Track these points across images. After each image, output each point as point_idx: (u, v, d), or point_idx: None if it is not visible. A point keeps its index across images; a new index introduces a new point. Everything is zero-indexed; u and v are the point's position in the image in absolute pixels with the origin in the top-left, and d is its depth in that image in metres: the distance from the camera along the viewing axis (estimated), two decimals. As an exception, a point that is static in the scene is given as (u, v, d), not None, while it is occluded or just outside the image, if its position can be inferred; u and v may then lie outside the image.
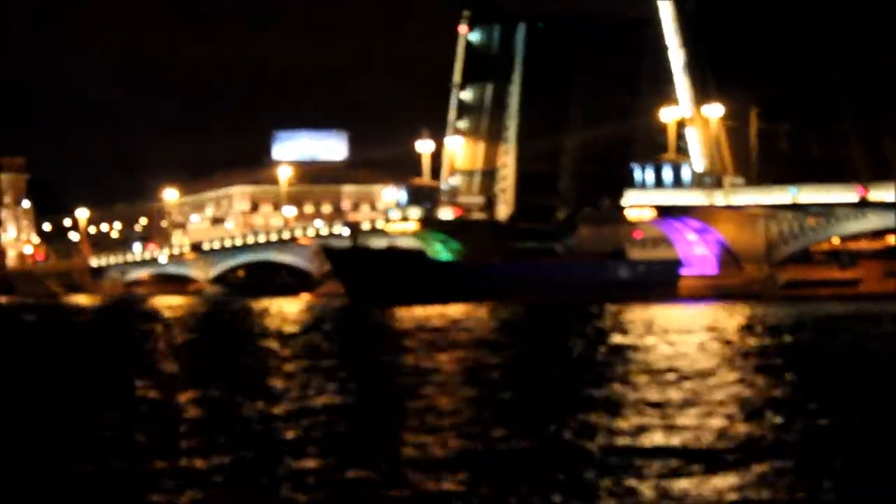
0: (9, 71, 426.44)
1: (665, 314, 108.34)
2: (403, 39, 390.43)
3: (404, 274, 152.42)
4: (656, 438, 38.02)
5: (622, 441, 37.69)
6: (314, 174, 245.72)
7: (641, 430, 39.78)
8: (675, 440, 37.45)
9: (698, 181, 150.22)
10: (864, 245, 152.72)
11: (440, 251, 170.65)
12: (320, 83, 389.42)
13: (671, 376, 54.18)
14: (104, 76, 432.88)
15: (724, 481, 30.57)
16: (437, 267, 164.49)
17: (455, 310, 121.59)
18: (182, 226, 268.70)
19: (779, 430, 39.05)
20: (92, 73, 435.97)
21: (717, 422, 41.06)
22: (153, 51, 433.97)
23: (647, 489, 30.11)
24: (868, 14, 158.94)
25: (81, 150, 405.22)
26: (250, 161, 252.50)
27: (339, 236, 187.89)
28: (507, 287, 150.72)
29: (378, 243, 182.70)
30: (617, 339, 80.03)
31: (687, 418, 42.29)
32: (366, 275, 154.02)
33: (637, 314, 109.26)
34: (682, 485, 30.49)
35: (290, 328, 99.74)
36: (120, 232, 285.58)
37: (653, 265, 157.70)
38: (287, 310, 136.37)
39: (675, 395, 48.27)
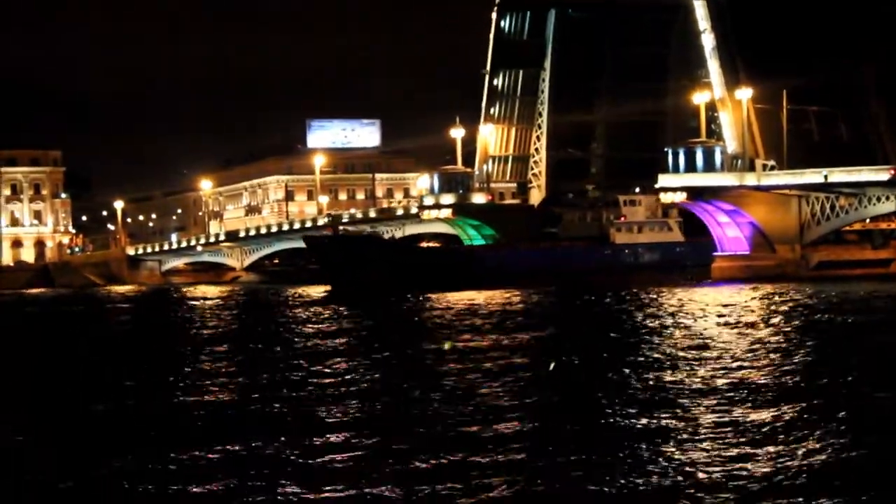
0: (43, 69, 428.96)
1: (700, 296, 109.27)
2: (435, 27, 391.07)
3: (386, 262, 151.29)
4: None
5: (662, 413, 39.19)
6: (348, 162, 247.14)
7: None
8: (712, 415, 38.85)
9: (730, 164, 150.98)
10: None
11: (474, 237, 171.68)
12: (354, 71, 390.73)
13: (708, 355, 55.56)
14: (140, 71, 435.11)
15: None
16: (419, 254, 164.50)
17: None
18: (218, 215, 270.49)
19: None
20: (128, 68, 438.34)
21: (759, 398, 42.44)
22: (189, 45, 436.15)
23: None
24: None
25: (118, 142, 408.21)
26: (285, 150, 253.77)
27: (373, 221, 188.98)
28: (497, 274, 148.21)
29: (411, 230, 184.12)
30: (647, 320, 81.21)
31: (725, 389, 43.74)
32: (346, 263, 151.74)
33: (670, 297, 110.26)
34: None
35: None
36: (156, 222, 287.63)
37: (685, 247, 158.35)
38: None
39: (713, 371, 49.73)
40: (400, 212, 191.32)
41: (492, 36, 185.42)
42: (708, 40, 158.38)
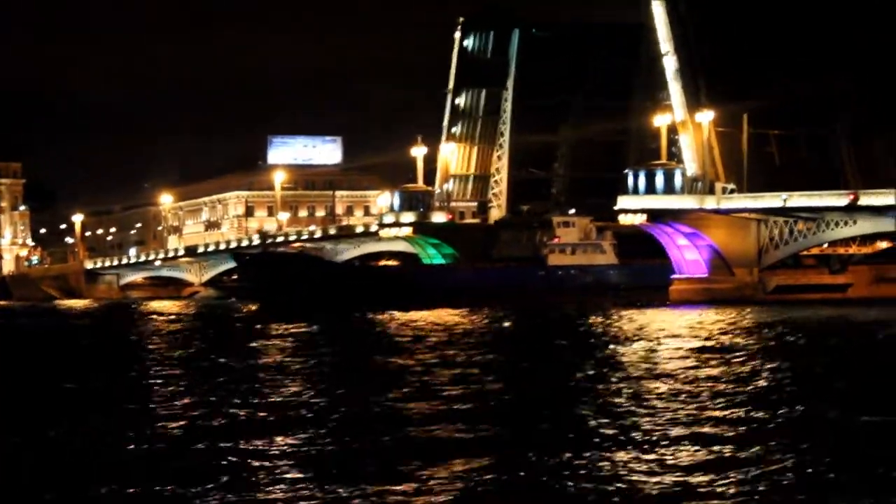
0: (4, 76, 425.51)
1: (658, 319, 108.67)
2: (399, 45, 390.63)
3: (314, 280, 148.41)
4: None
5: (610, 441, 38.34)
6: (309, 179, 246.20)
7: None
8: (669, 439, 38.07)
9: (690, 186, 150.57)
10: (853, 250, 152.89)
11: (433, 256, 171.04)
12: (316, 88, 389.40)
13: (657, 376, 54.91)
14: (99, 81, 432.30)
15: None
16: (349, 274, 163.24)
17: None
18: (177, 230, 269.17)
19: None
20: (87, 77, 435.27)
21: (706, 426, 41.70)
22: (148, 55, 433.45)
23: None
24: (857, 18, 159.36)
25: (78, 154, 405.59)
26: (246, 165, 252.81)
27: (334, 238, 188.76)
28: (429, 294, 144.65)
29: (371, 248, 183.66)
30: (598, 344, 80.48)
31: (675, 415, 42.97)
32: (275, 281, 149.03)
33: (626, 320, 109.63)
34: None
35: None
36: (116, 236, 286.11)
37: (618, 270, 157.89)
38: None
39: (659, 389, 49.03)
40: (360, 229, 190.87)
41: (455, 54, 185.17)
42: (670, 62, 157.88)
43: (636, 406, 44.82)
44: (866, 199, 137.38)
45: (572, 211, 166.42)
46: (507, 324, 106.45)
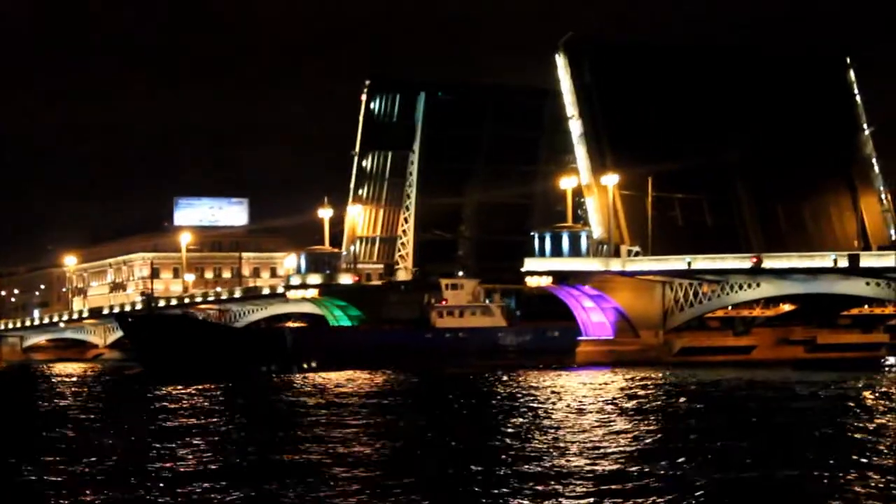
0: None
1: (557, 381, 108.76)
2: (305, 107, 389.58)
3: (197, 342, 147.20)
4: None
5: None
6: (215, 240, 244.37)
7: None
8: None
9: (596, 249, 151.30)
10: (757, 312, 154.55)
11: (340, 317, 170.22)
12: (222, 150, 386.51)
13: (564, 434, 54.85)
14: (2, 141, 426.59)
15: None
16: (232, 335, 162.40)
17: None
18: (82, 292, 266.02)
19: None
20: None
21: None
22: (53, 115, 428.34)
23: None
24: (759, 84, 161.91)
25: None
26: (151, 227, 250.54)
27: (240, 301, 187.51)
28: (312, 355, 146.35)
29: (277, 310, 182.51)
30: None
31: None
32: (159, 343, 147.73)
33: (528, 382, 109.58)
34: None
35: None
36: (19, 297, 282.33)
37: (507, 332, 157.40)
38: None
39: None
40: (266, 291, 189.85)
41: (362, 117, 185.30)
42: (575, 126, 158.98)
43: (530, 464, 44.69)
44: (769, 263, 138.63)
45: (461, 273, 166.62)
46: (382, 385, 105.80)
